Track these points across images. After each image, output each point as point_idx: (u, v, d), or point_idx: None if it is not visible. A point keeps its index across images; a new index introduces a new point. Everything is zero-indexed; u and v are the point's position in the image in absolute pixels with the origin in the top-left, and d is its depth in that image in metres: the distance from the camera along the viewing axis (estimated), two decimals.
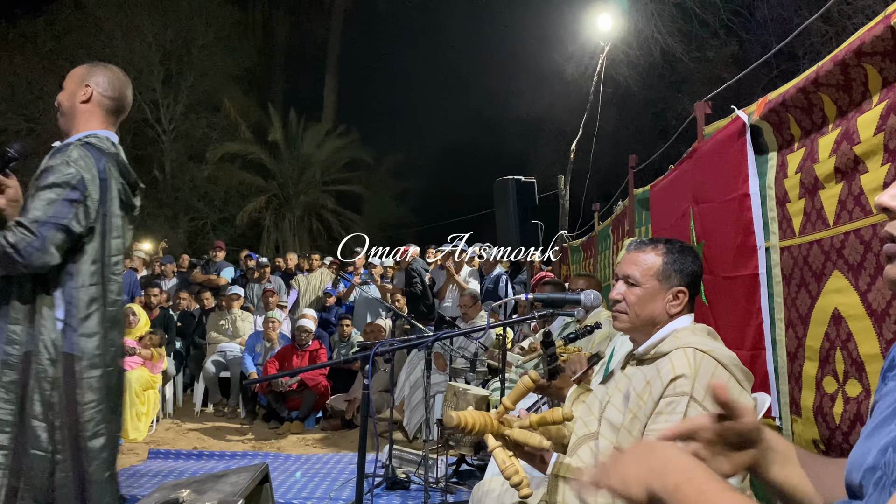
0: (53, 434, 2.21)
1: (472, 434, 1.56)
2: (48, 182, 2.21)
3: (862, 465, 0.84)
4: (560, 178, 11.54)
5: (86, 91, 2.40)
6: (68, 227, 2.19)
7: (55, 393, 2.21)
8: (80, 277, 2.25)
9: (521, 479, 1.45)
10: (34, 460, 2.21)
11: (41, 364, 2.20)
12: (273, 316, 7.30)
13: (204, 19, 19.95)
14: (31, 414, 2.21)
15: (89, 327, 2.26)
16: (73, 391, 2.22)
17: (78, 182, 2.22)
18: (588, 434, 1.86)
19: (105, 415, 2.28)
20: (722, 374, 1.69)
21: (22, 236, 2.13)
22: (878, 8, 3.08)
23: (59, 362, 2.21)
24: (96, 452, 2.26)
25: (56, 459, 2.21)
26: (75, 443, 2.23)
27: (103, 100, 2.42)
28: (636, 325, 1.86)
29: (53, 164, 2.24)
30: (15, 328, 2.21)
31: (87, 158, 2.26)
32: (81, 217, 2.22)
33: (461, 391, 4.05)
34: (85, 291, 2.26)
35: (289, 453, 5.53)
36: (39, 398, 2.21)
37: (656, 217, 4.42)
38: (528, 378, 1.59)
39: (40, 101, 17.50)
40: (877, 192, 1.87)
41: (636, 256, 1.89)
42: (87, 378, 2.24)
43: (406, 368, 5.88)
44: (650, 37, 13.65)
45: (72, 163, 2.23)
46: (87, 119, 2.40)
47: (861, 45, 1.81)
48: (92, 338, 2.26)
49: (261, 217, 20.18)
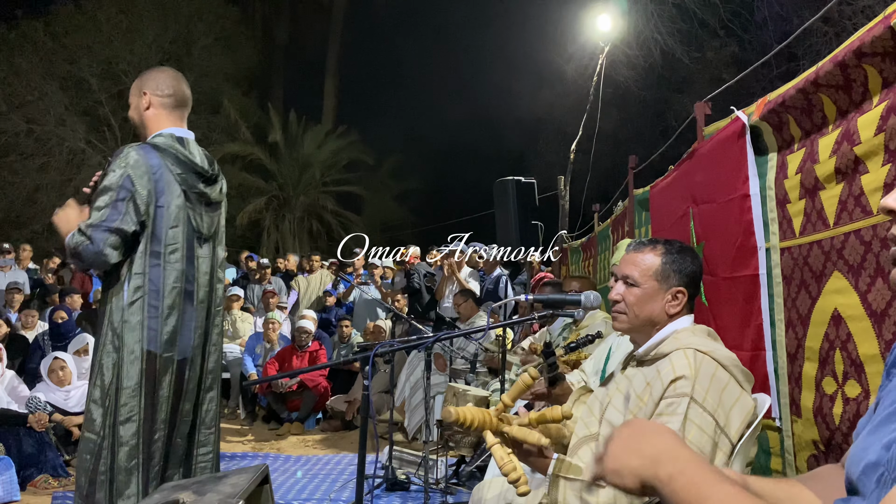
0: (106, 419, 2.38)
1: (470, 430, 1.55)
2: (102, 186, 2.42)
3: (862, 461, 0.84)
4: (560, 179, 11.53)
5: (144, 98, 2.58)
6: (119, 227, 2.38)
7: (113, 379, 2.39)
8: (135, 268, 2.44)
9: (519, 475, 1.44)
10: (87, 443, 2.39)
11: (107, 351, 2.41)
12: (273, 317, 7.30)
13: (204, 20, 19.94)
14: (91, 398, 2.40)
15: (131, 315, 2.42)
16: (121, 377, 2.39)
17: (124, 182, 2.39)
18: (589, 435, 1.85)
19: (139, 402, 2.40)
20: (722, 375, 1.69)
21: (79, 241, 2.37)
22: (879, 8, 3.07)
23: (120, 349, 2.40)
24: (126, 439, 2.37)
25: (102, 445, 2.38)
26: (113, 429, 2.38)
27: (162, 100, 2.58)
28: (635, 325, 1.87)
29: (108, 170, 2.44)
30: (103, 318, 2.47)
31: (140, 157, 2.44)
32: (133, 214, 2.40)
33: (461, 392, 4.04)
34: (138, 279, 2.43)
35: (289, 454, 5.53)
36: (100, 383, 2.40)
37: (656, 218, 4.42)
38: (527, 375, 1.59)
39: (40, 102, 17.50)
40: (877, 193, 1.87)
41: (635, 257, 1.89)
42: (126, 364, 2.39)
43: (406, 369, 5.88)
44: (650, 37, 13.66)
45: (121, 165, 2.42)
46: (156, 122, 2.59)
47: (861, 46, 1.81)
48: (134, 325, 2.41)
49: (261, 218, 20.16)
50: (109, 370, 2.40)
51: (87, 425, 2.43)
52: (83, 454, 2.43)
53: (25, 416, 4.55)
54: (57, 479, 4.41)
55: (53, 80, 17.67)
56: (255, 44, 22.35)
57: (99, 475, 2.37)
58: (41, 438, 4.52)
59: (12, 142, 17.27)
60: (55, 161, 18.02)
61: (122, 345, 2.40)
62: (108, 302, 2.45)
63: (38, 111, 17.46)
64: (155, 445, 2.44)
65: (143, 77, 2.64)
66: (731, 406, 1.66)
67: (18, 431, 4.48)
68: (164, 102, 2.58)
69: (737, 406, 1.67)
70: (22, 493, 4.19)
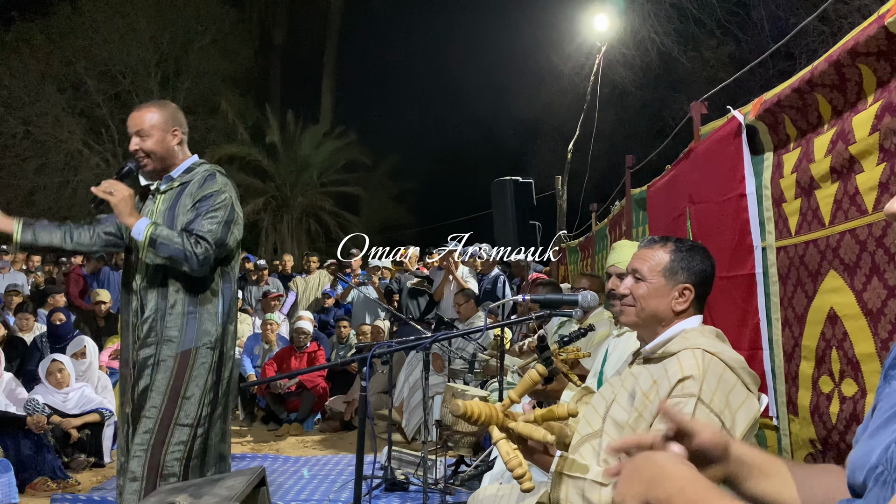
0: (201, 411, 2.72)
1: (477, 424, 1.56)
2: (215, 206, 2.74)
3: (865, 465, 0.84)
4: (557, 179, 11.55)
5: (175, 135, 2.86)
6: (226, 244, 2.76)
7: (210, 376, 2.74)
8: (231, 280, 2.87)
9: (525, 471, 1.44)
10: (181, 434, 2.68)
11: (204, 352, 2.73)
12: (271, 318, 7.29)
13: (201, 21, 19.90)
14: (184, 395, 2.70)
15: (231, 319, 2.86)
16: (219, 373, 2.79)
17: (233, 205, 2.80)
18: (591, 433, 1.86)
19: (228, 391, 2.85)
20: (729, 376, 1.69)
21: (204, 250, 2.65)
22: (875, 7, 3.07)
23: (216, 350, 2.76)
24: (218, 423, 2.81)
25: (197, 433, 2.71)
26: (211, 418, 2.77)
27: (184, 136, 2.92)
28: (641, 318, 1.87)
29: (213, 191, 2.77)
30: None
31: (229, 182, 2.85)
32: (236, 234, 2.82)
33: (460, 392, 4.05)
34: (231, 290, 2.86)
35: (288, 455, 5.53)
36: (196, 382, 2.71)
37: (653, 217, 4.42)
38: (534, 372, 1.59)
39: (37, 104, 17.47)
40: (872, 192, 1.87)
41: (646, 252, 1.90)
42: (225, 360, 2.82)
43: (405, 370, 5.88)
44: (647, 37, 13.67)
45: (225, 189, 2.79)
46: (182, 154, 2.90)
47: (855, 45, 1.82)
48: (231, 327, 2.86)
49: (259, 219, 20.14)
50: (206, 369, 2.75)
51: (181, 419, 2.72)
52: (176, 447, 2.69)
53: (24, 419, 4.54)
54: (55, 481, 4.40)
55: (50, 82, 17.64)
56: (252, 45, 22.33)
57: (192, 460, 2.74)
58: (40, 441, 4.52)
59: (10, 144, 17.26)
60: (52, 163, 18.00)
61: (221, 346, 2.79)
62: (196, 309, 2.76)
63: (36, 113, 17.44)
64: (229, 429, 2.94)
65: (168, 113, 2.86)
66: (737, 408, 1.66)
67: (17, 434, 4.47)
68: (184, 140, 2.91)
69: (743, 408, 1.67)
70: (20, 495, 4.18)
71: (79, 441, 4.85)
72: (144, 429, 2.67)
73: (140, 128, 2.79)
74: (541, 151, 17.86)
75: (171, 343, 2.71)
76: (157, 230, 2.64)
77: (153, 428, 2.65)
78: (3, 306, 7.71)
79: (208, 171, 2.86)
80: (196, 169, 2.89)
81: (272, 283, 8.90)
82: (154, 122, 2.80)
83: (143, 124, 2.79)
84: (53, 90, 17.62)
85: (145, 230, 2.64)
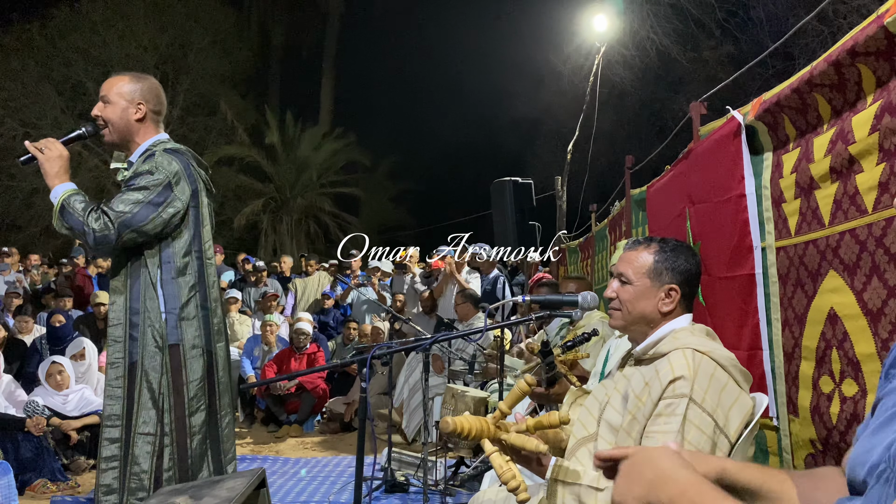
0: (162, 418, 2.46)
1: (468, 439, 1.56)
2: (139, 185, 2.47)
3: (866, 463, 0.84)
4: (557, 179, 11.55)
5: (139, 109, 2.62)
6: (143, 229, 2.46)
7: (163, 379, 2.48)
8: (175, 270, 2.53)
9: (519, 483, 1.45)
10: (142, 446, 2.45)
11: (149, 354, 2.48)
12: (271, 319, 7.29)
13: (200, 22, 19.88)
14: (138, 402, 2.46)
15: (189, 313, 2.53)
16: (178, 375, 2.49)
17: (168, 185, 2.50)
18: (586, 436, 1.85)
19: (205, 391, 2.55)
20: (721, 375, 1.69)
21: (103, 227, 2.40)
22: (873, 6, 3.08)
23: (164, 350, 2.48)
24: (197, 428, 2.51)
25: (164, 443, 2.45)
26: (181, 422, 2.48)
27: (154, 115, 2.68)
28: (629, 321, 1.87)
29: (143, 170, 2.51)
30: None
31: (173, 162, 2.54)
32: (168, 218, 2.50)
33: (459, 393, 4.05)
34: (183, 281, 2.54)
35: (288, 456, 5.53)
36: (147, 387, 2.47)
37: (653, 217, 4.42)
38: (523, 382, 1.59)
39: (36, 106, 17.45)
40: (872, 192, 1.87)
41: (630, 255, 1.90)
42: (189, 360, 2.51)
43: (405, 371, 5.87)
44: (646, 37, 13.68)
45: (160, 169, 2.51)
46: (145, 131, 2.65)
47: (854, 45, 1.82)
48: (192, 321, 2.54)
49: (258, 220, 20.13)
50: (158, 370, 2.48)
51: (141, 428, 2.47)
52: (142, 455, 2.46)
53: (23, 421, 4.53)
54: (55, 483, 4.40)
55: (49, 84, 17.63)
56: (251, 46, 22.30)
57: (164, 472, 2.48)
58: (39, 443, 4.51)
59: (8, 145, 17.21)
60: None
61: (180, 346, 2.51)
62: (138, 306, 2.51)
63: (34, 114, 17.41)
64: (225, 431, 2.63)
65: (135, 84, 2.64)
66: (729, 406, 1.66)
67: (16, 436, 4.47)
68: (153, 116, 2.67)
69: (735, 406, 1.67)
70: (20, 497, 4.18)
71: (78, 443, 4.85)
72: (109, 437, 2.50)
73: (106, 93, 2.62)
74: (540, 152, 17.89)
75: (116, 343, 2.54)
76: (72, 198, 2.43)
77: (119, 437, 2.48)
78: (3, 308, 7.70)
79: (154, 151, 2.59)
80: (154, 150, 2.62)
81: (271, 285, 8.90)
82: (121, 90, 2.61)
83: (110, 91, 2.61)
84: (52, 92, 17.59)
85: (62, 195, 2.44)
